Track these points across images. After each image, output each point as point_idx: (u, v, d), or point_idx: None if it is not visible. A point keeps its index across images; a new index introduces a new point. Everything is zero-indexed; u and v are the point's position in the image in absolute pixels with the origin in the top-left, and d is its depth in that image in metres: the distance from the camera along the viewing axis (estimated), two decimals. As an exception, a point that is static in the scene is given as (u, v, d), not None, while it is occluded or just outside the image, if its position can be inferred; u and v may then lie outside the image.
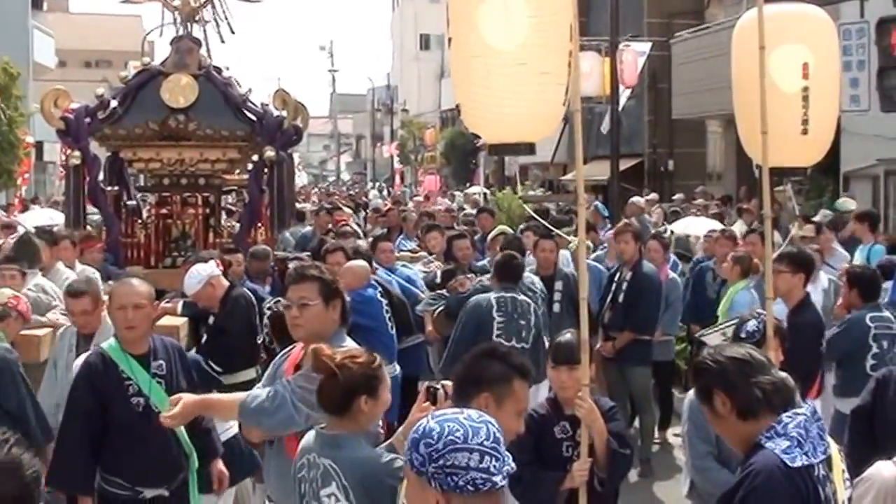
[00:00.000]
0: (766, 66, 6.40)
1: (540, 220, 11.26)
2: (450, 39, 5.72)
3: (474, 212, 19.44)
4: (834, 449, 3.97)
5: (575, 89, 5.64)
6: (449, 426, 2.92)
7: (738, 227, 15.42)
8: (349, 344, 5.38)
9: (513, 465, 2.95)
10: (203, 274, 8.70)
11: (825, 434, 3.83)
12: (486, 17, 5.49)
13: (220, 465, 6.74)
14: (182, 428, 6.22)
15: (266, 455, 5.69)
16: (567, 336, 5.99)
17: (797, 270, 8.40)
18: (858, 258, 12.04)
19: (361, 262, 10.01)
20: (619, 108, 23.45)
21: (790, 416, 3.72)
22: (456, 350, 8.85)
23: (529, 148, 5.91)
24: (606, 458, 5.67)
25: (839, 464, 3.96)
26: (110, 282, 9.75)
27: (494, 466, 2.88)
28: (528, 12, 5.48)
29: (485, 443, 2.89)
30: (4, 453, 2.65)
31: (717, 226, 15.17)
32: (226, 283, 8.90)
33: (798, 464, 3.64)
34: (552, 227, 11.06)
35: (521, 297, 9.35)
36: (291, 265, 8.77)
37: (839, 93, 7.42)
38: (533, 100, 5.56)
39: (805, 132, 6.89)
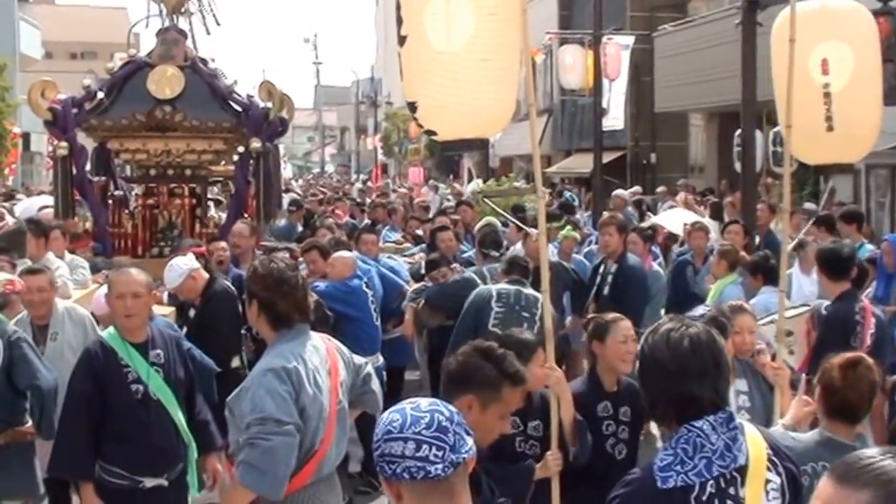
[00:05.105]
0: (805, 62, 6.42)
1: (507, 216, 11.30)
2: (402, 38, 5.67)
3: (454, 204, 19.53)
4: (760, 455, 3.52)
5: (529, 83, 5.62)
6: (391, 416, 2.87)
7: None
8: (316, 340, 5.19)
9: (467, 454, 2.86)
10: (183, 268, 8.63)
11: (737, 443, 3.44)
12: (434, 17, 5.49)
13: (215, 461, 6.66)
14: (181, 417, 6.31)
15: None
16: None
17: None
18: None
19: (347, 253, 10.08)
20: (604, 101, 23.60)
21: (687, 428, 3.43)
22: (456, 339, 8.46)
23: (482, 144, 5.96)
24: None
25: (761, 473, 3.49)
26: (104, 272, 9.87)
27: (435, 455, 2.80)
28: (474, 11, 5.49)
29: (423, 432, 2.81)
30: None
31: (699, 218, 15.10)
32: (206, 275, 8.81)
33: (669, 485, 3.38)
34: (513, 221, 11.12)
35: (529, 290, 8.96)
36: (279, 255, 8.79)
37: (880, 89, 7.11)
38: (484, 97, 5.57)
39: (830, 129, 6.74)
